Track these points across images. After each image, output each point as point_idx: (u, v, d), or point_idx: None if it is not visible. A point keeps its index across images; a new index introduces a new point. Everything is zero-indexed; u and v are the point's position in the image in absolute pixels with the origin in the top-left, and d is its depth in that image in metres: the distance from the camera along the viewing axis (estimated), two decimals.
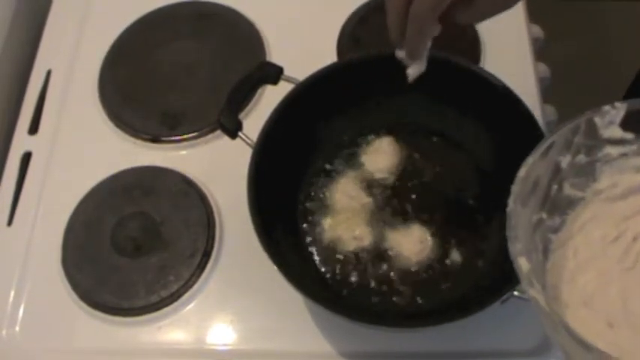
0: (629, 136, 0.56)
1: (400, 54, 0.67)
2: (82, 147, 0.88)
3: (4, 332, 0.76)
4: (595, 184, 0.59)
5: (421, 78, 0.74)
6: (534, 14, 0.92)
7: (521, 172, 0.53)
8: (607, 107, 0.55)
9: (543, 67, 0.90)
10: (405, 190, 0.77)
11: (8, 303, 0.77)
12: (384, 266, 0.73)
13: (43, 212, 0.83)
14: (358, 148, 0.79)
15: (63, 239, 0.80)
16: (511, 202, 0.52)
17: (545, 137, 0.55)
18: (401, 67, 0.66)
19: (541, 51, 0.92)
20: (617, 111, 0.54)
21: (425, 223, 0.74)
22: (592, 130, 0.55)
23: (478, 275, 0.72)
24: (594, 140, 0.56)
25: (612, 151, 0.57)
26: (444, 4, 0.60)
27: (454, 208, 0.76)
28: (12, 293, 0.78)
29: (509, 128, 0.70)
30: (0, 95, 0.93)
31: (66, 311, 0.76)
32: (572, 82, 1.48)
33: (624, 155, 0.57)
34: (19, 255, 0.80)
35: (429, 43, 0.65)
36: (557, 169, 0.57)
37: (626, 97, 1.01)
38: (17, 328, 0.76)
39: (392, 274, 0.73)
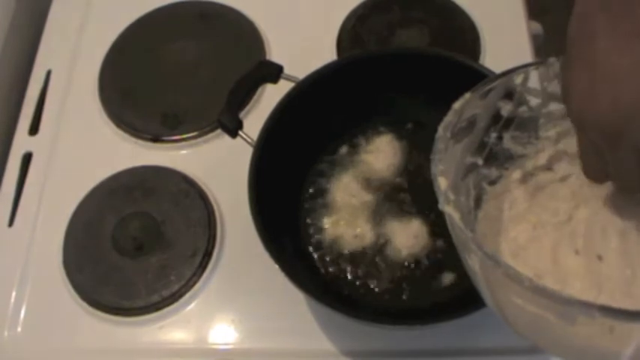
0: None
1: None
2: (82, 147, 0.88)
3: (5, 333, 0.76)
4: (537, 143, 0.58)
5: (420, 75, 0.75)
6: (534, 11, 0.92)
7: (456, 105, 0.53)
8: (552, 59, 0.53)
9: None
10: (406, 189, 0.77)
11: (10, 304, 0.77)
12: (385, 264, 0.73)
13: (44, 213, 0.83)
14: (358, 146, 0.79)
15: (64, 239, 0.80)
16: (440, 129, 0.53)
17: (488, 78, 0.54)
18: (400, 65, 0.66)
19: (541, 48, 0.91)
20: None
21: (424, 220, 0.74)
22: (536, 83, 0.54)
23: None
24: (538, 94, 0.55)
25: (557, 109, 0.56)
26: None
27: None
28: (13, 294, 0.78)
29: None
30: (0, 96, 0.93)
31: (67, 311, 0.76)
32: None
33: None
34: (21, 256, 0.80)
35: None
36: (497, 116, 0.56)
37: None
38: (19, 329, 0.76)
39: (393, 271, 0.73)
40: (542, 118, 0.57)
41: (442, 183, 0.51)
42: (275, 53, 0.91)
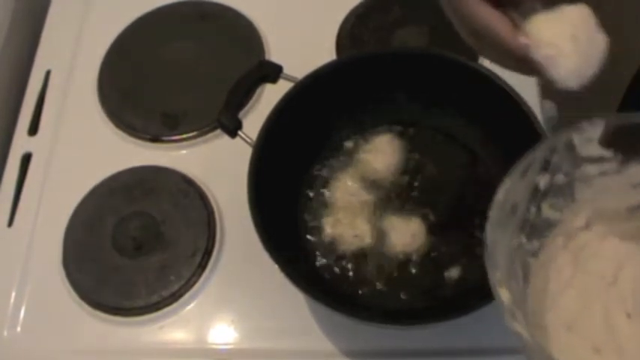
0: (608, 153, 0.54)
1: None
2: (82, 147, 0.87)
3: (5, 333, 0.76)
4: (573, 206, 0.57)
5: (419, 75, 0.75)
6: None
7: (499, 196, 0.50)
8: (585, 123, 0.52)
9: None
10: (405, 188, 0.77)
11: (9, 304, 0.77)
12: (385, 264, 0.73)
13: (43, 213, 0.83)
14: (358, 146, 0.79)
15: (63, 239, 0.80)
16: (489, 229, 0.49)
17: (522, 159, 0.52)
18: (399, 65, 0.66)
19: None
20: (595, 128, 0.52)
21: (423, 219, 0.75)
22: (570, 149, 0.53)
23: (479, 271, 0.72)
24: (573, 160, 0.54)
25: (591, 170, 0.55)
26: None
27: (453, 205, 0.76)
28: (13, 294, 0.78)
29: (508, 124, 0.70)
30: None
31: (67, 311, 0.76)
32: None
33: (603, 173, 0.55)
34: (20, 256, 0.80)
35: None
36: (535, 191, 0.54)
37: (627, 95, 1.01)
38: (19, 329, 0.76)
39: (392, 271, 0.73)
40: (577, 181, 0.56)
41: (505, 296, 0.46)
42: (274, 53, 0.91)
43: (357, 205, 0.76)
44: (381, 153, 0.78)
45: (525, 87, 0.68)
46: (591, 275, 0.55)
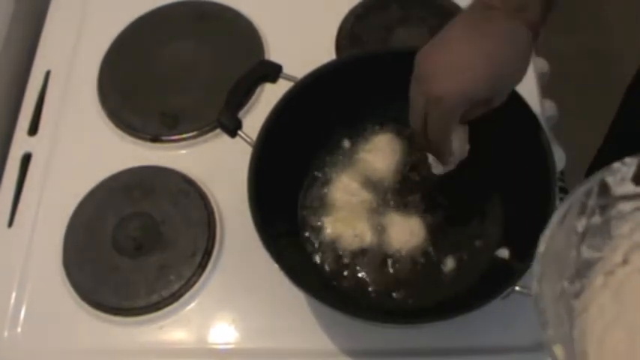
0: None
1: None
2: (82, 147, 0.88)
3: (5, 333, 0.76)
4: (611, 243, 0.57)
5: None
6: None
7: (541, 248, 0.51)
8: (617, 165, 0.54)
9: (542, 62, 0.90)
10: (405, 187, 0.77)
11: (10, 304, 0.77)
12: (385, 263, 0.73)
13: (43, 213, 0.83)
14: (358, 145, 0.79)
15: (63, 240, 0.80)
16: (535, 284, 0.49)
17: (560, 205, 0.53)
18: (399, 64, 0.66)
19: (540, 46, 0.91)
20: (628, 167, 0.54)
21: (423, 218, 0.75)
22: (605, 191, 0.55)
23: (479, 271, 0.72)
24: (608, 199, 0.55)
25: (626, 206, 0.57)
26: (454, 124, 0.63)
27: (453, 203, 0.76)
28: (13, 294, 0.78)
29: (508, 124, 0.70)
30: None
31: (67, 312, 0.76)
32: (572, 78, 1.48)
33: (638, 209, 0.57)
34: (20, 256, 0.80)
35: (455, 147, 0.67)
36: (574, 235, 0.55)
37: (627, 94, 1.01)
38: (19, 329, 0.76)
39: (393, 270, 0.73)
40: (614, 218, 0.57)
41: (559, 353, 0.46)
42: (274, 53, 0.91)
43: (357, 204, 0.76)
44: (381, 152, 0.78)
45: (526, 86, 0.68)
46: (635, 311, 0.55)
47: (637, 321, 0.54)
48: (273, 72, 0.75)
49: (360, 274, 0.73)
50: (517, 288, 0.61)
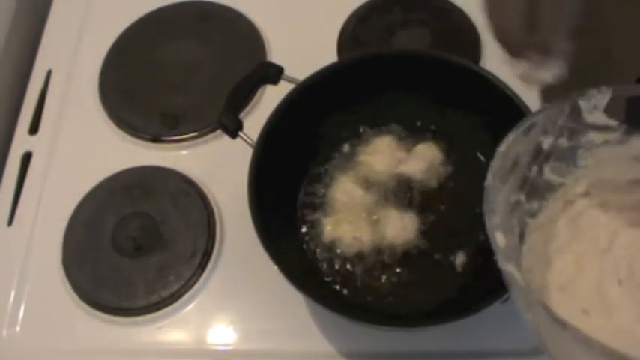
0: (613, 123, 0.55)
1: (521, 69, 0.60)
2: (82, 147, 0.88)
3: (4, 332, 0.76)
4: (575, 172, 0.58)
5: (420, 77, 0.74)
6: None
7: (502, 147, 0.53)
8: (593, 90, 0.54)
9: None
10: (405, 190, 0.77)
11: (9, 303, 0.77)
12: (384, 265, 0.73)
13: (43, 212, 0.83)
14: (358, 147, 0.79)
15: (63, 239, 0.80)
16: (489, 177, 0.52)
17: (528, 116, 0.54)
18: (400, 66, 0.66)
19: None
20: (603, 95, 0.54)
21: (423, 220, 0.74)
22: (576, 114, 0.55)
23: (479, 274, 0.72)
24: (578, 124, 0.56)
25: (595, 137, 0.56)
26: None
27: (454, 206, 0.76)
28: (12, 293, 0.78)
29: (508, 127, 0.70)
30: (0, 95, 0.93)
31: (66, 311, 0.76)
32: (573, 81, 1.48)
33: (606, 143, 0.57)
34: (20, 255, 0.80)
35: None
36: (538, 151, 0.56)
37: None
38: (18, 328, 0.76)
39: (392, 273, 0.73)
40: (581, 147, 0.58)
41: (500, 240, 0.48)
42: (275, 54, 0.91)
43: (357, 206, 0.76)
44: (382, 155, 0.78)
45: (526, 90, 0.68)
46: (587, 242, 0.56)
47: (586, 252, 0.56)
48: (274, 73, 0.75)
49: (359, 276, 0.73)
50: None
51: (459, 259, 0.73)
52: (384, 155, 0.78)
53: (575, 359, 0.48)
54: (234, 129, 0.72)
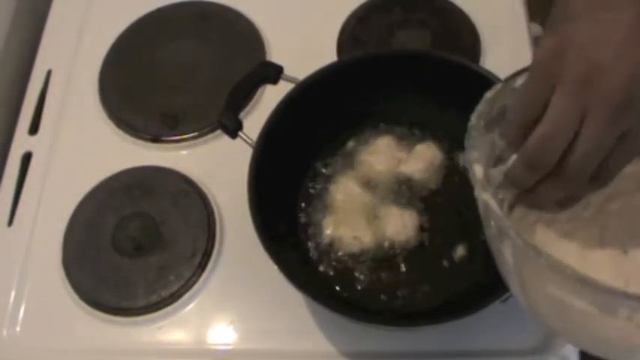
0: None
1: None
2: (82, 147, 0.88)
3: (4, 332, 0.76)
4: None
5: (420, 77, 0.74)
6: (534, 12, 0.92)
7: (488, 94, 0.55)
8: None
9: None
10: (405, 190, 0.77)
11: (9, 303, 0.77)
12: (384, 265, 0.73)
13: (43, 212, 0.83)
14: (358, 147, 0.79)
15: (63, 239, 0.80)
16: (473, 118, 0.54)
17: (519, 70, 0.55)
18: (400, 66, 0.66)
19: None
20: None
21: (423, 221, 0.75)
22: None
23: (479, 273, 0.72)
24: None
25: None
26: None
27: (454, 206, 0.76)
28: (12, 293, 0.78)
29: None
30: (0, 95, 0.93)
31: (66, 311, 0.76)
32: None
33: None
34: (20, 255, 0.80)
35: None
36: None
37: None
38: (18, 328, 0.76)
39: (391, 273, 0.73)
40: None
41: (478, 170, 0.51)
42: (275, 54, 0.91)
43: (357, 206, 0.76)
44: (382, 154, 0.78)
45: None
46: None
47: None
48: (274, 73, 0.75)
49: (359, 276, 0.73)
50: None
51: (460, 258, 0.73)
52: (384, 155, 0.78)
53: (546, 291, 0.48)
54: (234, 129, 0.72)
